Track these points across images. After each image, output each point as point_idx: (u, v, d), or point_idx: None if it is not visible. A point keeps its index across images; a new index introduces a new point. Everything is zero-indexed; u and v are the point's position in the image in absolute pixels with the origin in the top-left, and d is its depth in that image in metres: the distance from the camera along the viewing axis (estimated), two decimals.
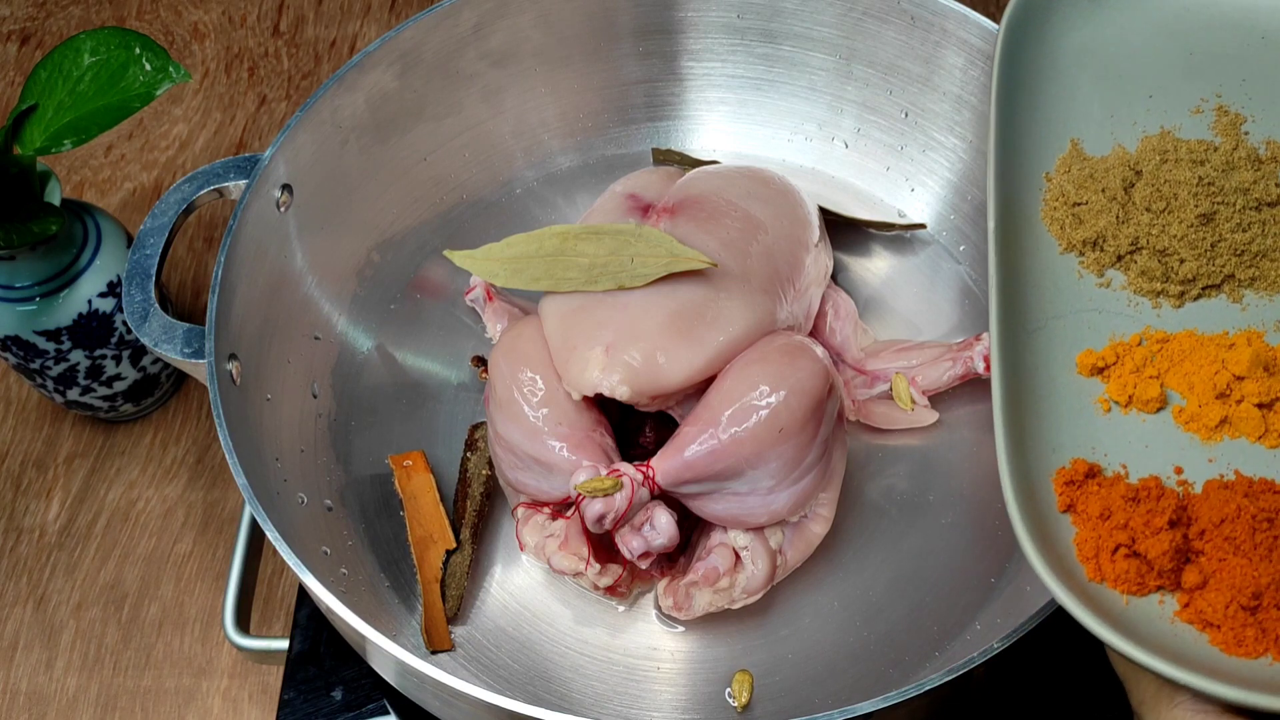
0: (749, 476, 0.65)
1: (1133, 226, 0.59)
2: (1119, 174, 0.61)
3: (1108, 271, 0.60)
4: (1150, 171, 0.61)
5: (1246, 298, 0.58)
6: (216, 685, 0.81)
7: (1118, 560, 0.49)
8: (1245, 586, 0.47)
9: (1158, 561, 0.48)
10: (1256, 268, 0.58)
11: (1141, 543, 0.49)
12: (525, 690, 0.69)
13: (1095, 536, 0.50)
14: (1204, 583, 0.48)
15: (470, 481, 0.75)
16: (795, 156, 0.89)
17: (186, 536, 0.87)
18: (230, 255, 0.71)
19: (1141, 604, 0.49)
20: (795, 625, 0.71)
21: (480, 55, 0.84)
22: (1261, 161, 0.61)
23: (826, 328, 0.79)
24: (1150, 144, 0.62)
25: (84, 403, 0.87)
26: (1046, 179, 0.63)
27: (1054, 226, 0.61)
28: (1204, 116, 0.63)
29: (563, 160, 0.90)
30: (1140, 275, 0.59)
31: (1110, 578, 0.49)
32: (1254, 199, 0.59)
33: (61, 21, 1.16)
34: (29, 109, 0.76)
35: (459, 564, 0.72)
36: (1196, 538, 0.50)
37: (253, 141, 1.07)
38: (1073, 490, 0.52)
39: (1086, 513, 0.51)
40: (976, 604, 0.70)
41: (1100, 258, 0.60)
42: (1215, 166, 0.61)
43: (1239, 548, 0.49)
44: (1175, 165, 0.61)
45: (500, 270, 0.71)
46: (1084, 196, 0.61)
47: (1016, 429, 0.52)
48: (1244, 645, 0.47)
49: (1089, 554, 0.50)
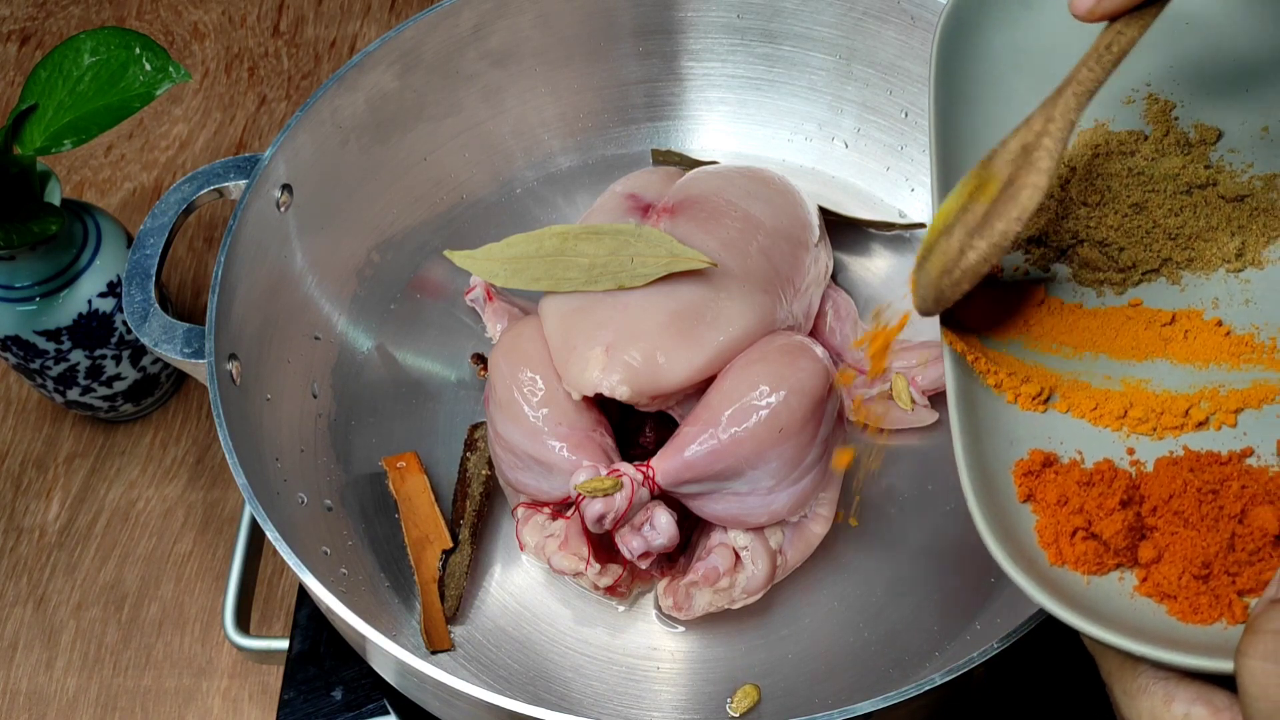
0: (749, 476, 0.65)
1: (1072, 221, 0.61)
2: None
3: (1053, 265, 0.61)
4: (1083, 167, 0.62)
5: (1184, 278, 0.60)
6: (216, 685, 0.81)
7: (1076, 543, 0.51)
8: (1195, 557, 0.49)
9: (1113, 540, 0.50)
10: (1192, 249, 0.60)
11: (1097, 524, 0.51)
12: (525, 690, 0.69)
13: (1054, 522, 0.51)
14: (1159, 557, 0.50)
15: (470, 481, 0.75)
16: (795, 156, 0.89)
17: (186, 536, 0.87)
18: (230, 255, 0.71)
19: (1102, 583, 0.50)
20: (795, 625, 0.71)
21: (480, 55, 0.84)
22: (1191, 145, 0.62)
23: (826, 328, 0.79)
24: (1084, 138, 0.64)
25: (84, 403, 0.87)
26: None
27: None
28: (1136, 106, 0.64)
29: (563, 160, 0.90)
30: (1083, 267, 0.61)
31: (1071, 560, 0.51)
32: (1184, 183, 0.61)
33: (61, 21, 1.16)
34: (29, 109, 0.76)
35: (458, 564, 0.72)
36: (1149, 514, 0.52)
37: (253, 141, 1.08)
38: (1031, 480, 0.53)
39: (1045, 500, 0.52)
40: (976, 604, 0.70)
41: (1045, 253, 0.61)
42: (1145, 156, 0.62)
43: (1188, 520, 0.50)
44: (1106, 159, 0.62)
45: (500, 270, 0.71)
46: None
47: (973, 424, 0.54)
48: (1199, 613, 0.48)
49: (1049, 539, 0.51)
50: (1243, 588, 0.48)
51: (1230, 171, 0.61)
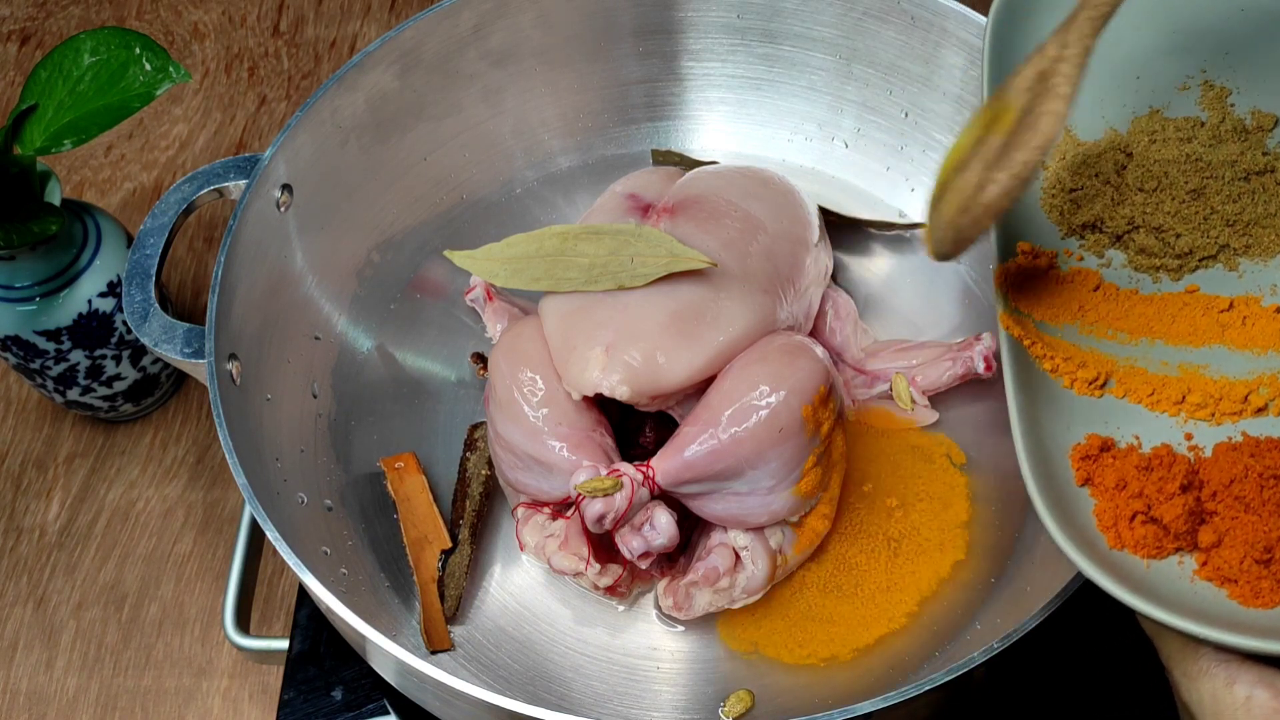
0: (749, 476, 0.65)
1: (1128, 207, 0.61)
2: (1111, 158, 0.62)
3: (1108, 251, 0.61)
4: (1140, 153, 0.62)
5: (1242, 265, 0.60)
6: (216, 685, 0.81)
7: (1136, 527, 0.51)
8: (1257, 541, 0.49)
9: (1173, 525, 0.50)
10: (1250, 235, 0.60)
11: (1157, 508, 0.51)
12: (525, 690, 0.69)
13: (1113, 506, 0.52)
14: (1219, 541, 0.50)
15: (469, 481, 0.75)
16: (795, 156, 0.89)
17: (186, 536, 0.87)
18: (230, 255, 0.71)
19: (1162, 566, 0.51)
20: None
21: (480, 55, 0.84)
22: (1248, 131, 0.62)
23: (826, 328, 0.79)
24: (1140, 125, 0.64)
25: (84, 403, 0.87)
26: (1043, 167, 0.64)
27: (1053, 213, 0.63)
28: (1191, 92, 0.64)
29: (563, 160, 0.90)
30: (1139, 253, 0.61)
31: (1130, 544, 0.51)
32: (1242, 170, 0.61)
33: (61, 21, 1.16)
34: (29, 109, 0.76)
35: (457, 564, 0.72)
36: (1209, 499, 0.52)
37: (253, 141, 1.08)
38: (1089, 464, 0.54)
39: (1103, 484, 0.53)
40: (976, 604, 0.70)
41: (1100, 239, 0.61)
42: (1202, 142, 0.62)
43: (1249, 505, 0.51)
44: (1163, 144, 0.62)
45: (500, 270, 0.71)
46: (1079, 182, 0.62)
47: (1031, 410, 0.54)
48: (1261, 597, 0.49)
49: (1108, 523, 0.52)
50: None
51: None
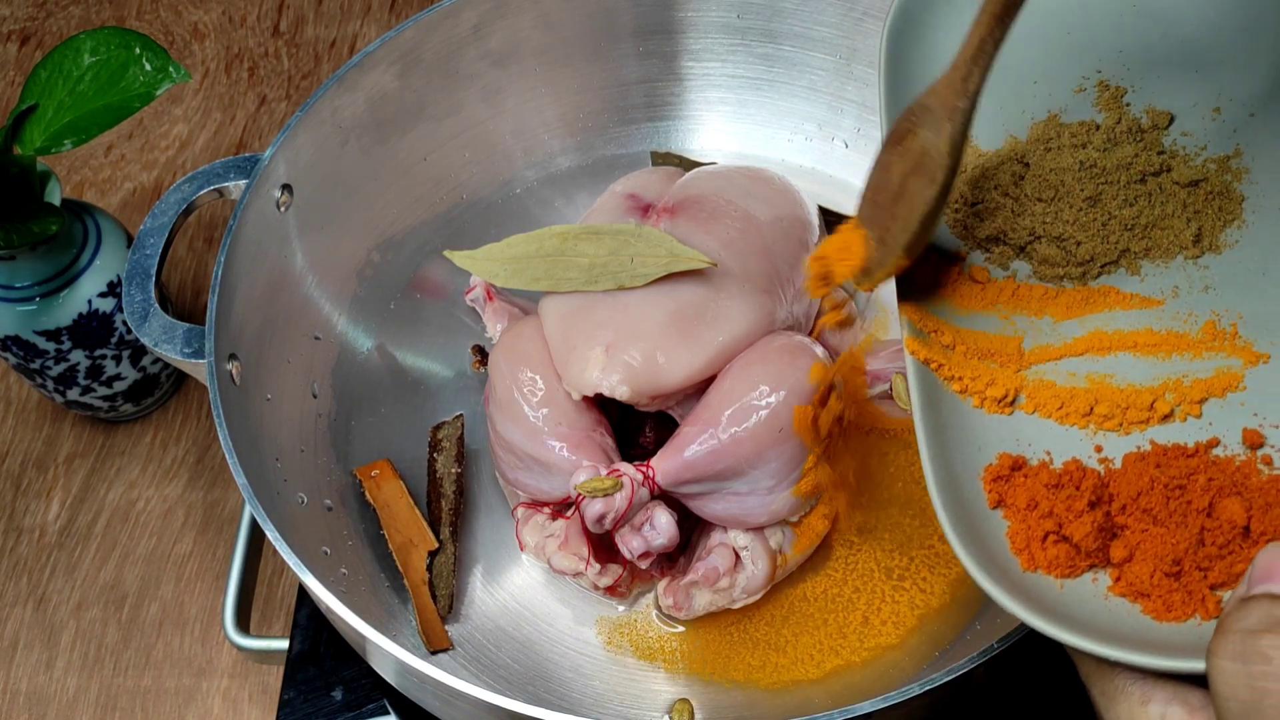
0: (749, 476, 0.65)
1: (1028, 218, 0.61)
2: (1009, 169, 0.62)
3: (1013, 263, 0.61)
4: (1036, 162, 0.62)
5: (1144, 268, 0.60)
6: (216, 685, 0.81)
7: (1048, 547, 0.50)
8: (1166, 554, 0.49)
9: (1083, 543, 0.50)
10: (1149, 238, 0.60)
11: (1067, 527, 0.50)
12: (525, 690, 0.69)
13: (1025, 527, 0.51)
14: (1130, 555, 0.50)
15: (441, 481, 0.75)
16: (795, 156, 0.89)
17: (186, 536, 0.87)
18: (230, 255, 0.71)
19: (1075, 585, 0.50)
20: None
21: (480, 55, 0.84)
22: (1144, 131, 0.62)
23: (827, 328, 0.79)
24: (1037, 132, 0.64)
25: (84, 403, 0.87)
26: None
27: (957, 229, 0.62)
28: (1087, 94, 0.64)
29: (563, 160, 0.90)
30: (1042, 263, 0.60)
31: (1043, 565, 0.50)
32: (1137, 172, 0.61)
33: (61, 21, 1.16)
34: (29, 109, 0.76)
35: (444, 564, 0.72)
36: (1119, 513, 0.51)
37: (253, 141, 1.08)
38: (1001, 485, 0.53)
39: (1015, 505, 0.52)
40: (976, 604, 0.70)
41: (1005, 251, 0.61)
42: (1097, 147, 0.62)
43: (1156, 518, 0.50)
44: (1059, 152, 0.62)
45: (500, 270, 0.71)
46: (980, 195, 0.62)
47: (939, 434, 0.53)
48: (1173, 610, 0.48)
49: (1021, 545, 0.51)
50: (1215, 582, 0.48)
51: (1184, 156, 0.61)
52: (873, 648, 0.69)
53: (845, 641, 0.69)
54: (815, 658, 0.69)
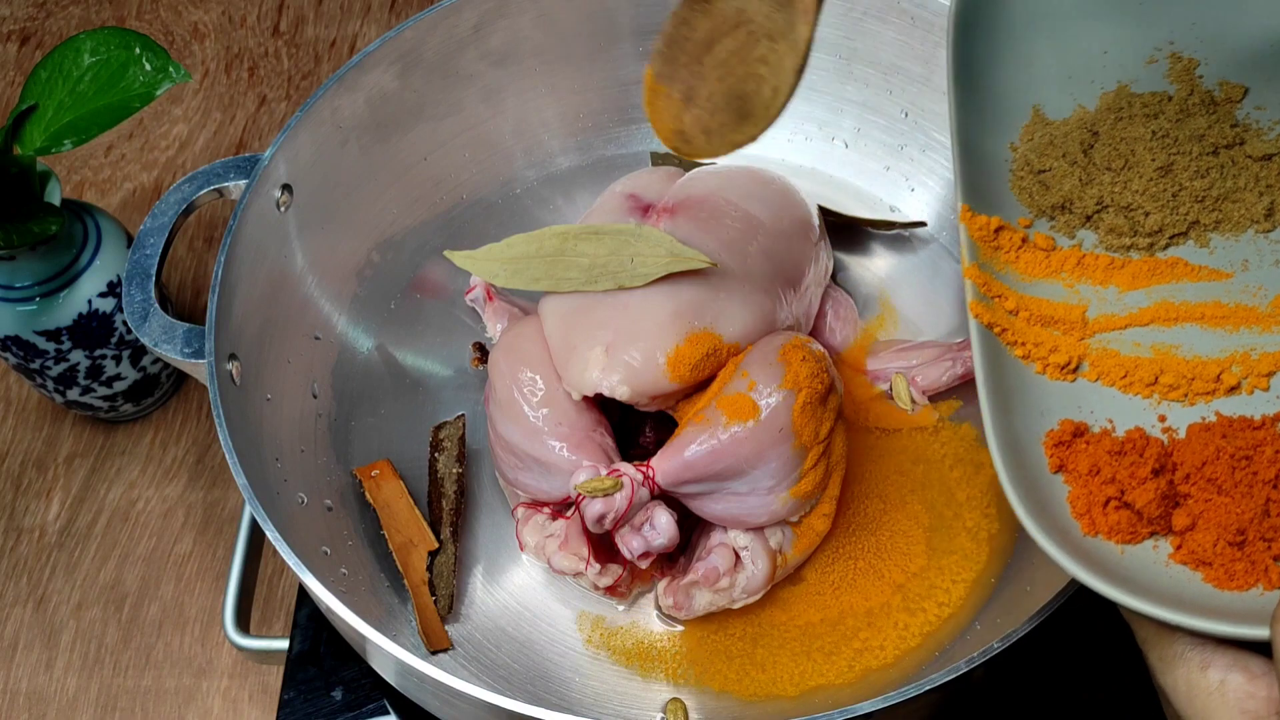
0: (749, 476, 0.65)
1: (1096, 187, 0.61)
2: (1078, 137, 0.62)
3: (1079, 232, 0.60)
4: (1107, 131, 0.62)
5: (1213, 241, 0.60)
6: (216, 685, 0.81)
7: (1109, 513, 0.51)
8: (1230, 524, 0.49)
9: (1146, 510, 0.50)
10: (1219, 211, 0.59)
11: (1129, 493, 0.51)
12: (525, 690, 0.69)
13: (1086, 493, 0.51)
14: (1193, 524, 0.50)
15: (442, 481, 0.75)
16: (795, 156, 0.89)
17: (186, 536, 0.87)
18: (230, 255, 0.71)
19: (1136, 552, 0.50)
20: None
21: (480, 55, 0.84)
22: (1217, 103, 0.62)
23: (826, 328, 0.79)
24: (1107, 101, 0.63)
25: (84, 403, 0.87)
26: (1012, 149, 0.64)
27: (1023, 195, 0.62)
28: (1158, 66, 0.64)
29: (563, 160, 0.90)
30: (1109, 233, 0.60)
31: (1104, 530, 0.51)
32: (1210, 144, 0.60)
33: (61, 21, 1.16)
34: (29, 109, 0.76)
35: (444, 564, 0.72)
36: (1183, 481, 0.52)
37: (253, 141, 1.08)
38: (1062, 451, 0.53)
39: (1077, 470, 0.52)
40: (976, 604, 0.70)
41: (1070, 220, 0.61)
42: (1169, 117, 0.62)
43: (1221, 487, 0.50)
44: (1130, 122, 0.62)
45: (500, 270, 0.71)
46: (1047, 163, 0.62)
47: (1001, 397, 0.54)
48: (1235, 579, 0.48)
49: (1082, 510, 0.51)
50: (1278, 553, 0.48)
51: (1257, 130, 0.60)
52: (864, 667, 0.69)
53: (836, 658, 0.69)
54: (797, 675, 0.69)
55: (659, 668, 0.70)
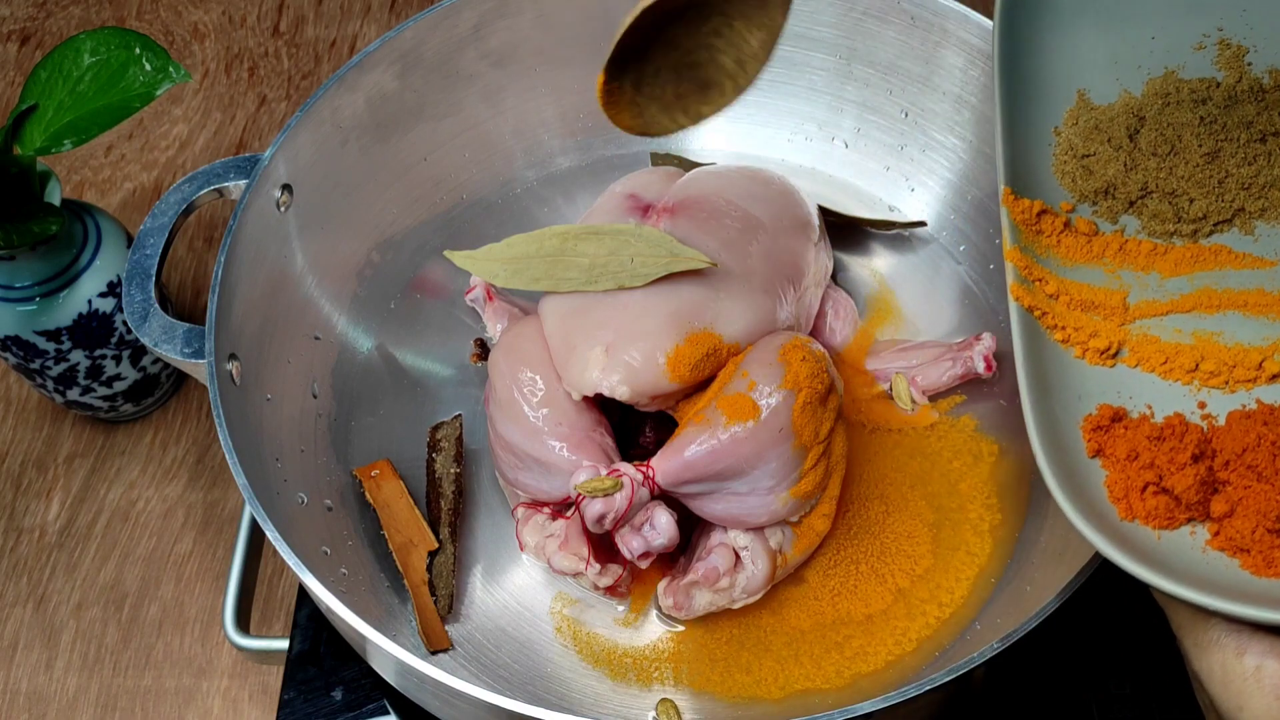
0: (749, 476, 0.65)
1: (1141, 173, 0.60)
2: (1123, 122, 0.62)
3: (1122, 217, 0.60)
4: (1153, 116, 0.62)
5: (1258, 229, 0.60)
6: (216, 685, 0.81)
7: (1147, 498, 0.51)
8: (1270, 511, 0.49)
9: (1184, 495, 0.50)
10: (1265, 198, 0.59)
11: (1168, 479, 0.51)
12: (525, 690, 0.69)
13: (1124, 477, 0.52)
14: (1231, 511, 0.50)
15: (440, 481, 0.75)
16: (795, 156, 0.89)
17: (186, 536, 0.87)
18: (230, 255, 0.71)
19: (1173, 537, 0.50)
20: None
21: (480, 55, 0.84)
22: (1265, 91, 0.61)
23: (826, 328, 0.79)
24: (1154, 87, 0.63)
25: (84, 403, 0.87)
26: (1055, 134, 0.63)
27: (1065, 180, 0.62)
28: (1207, 52, 0.63)
29: (563, 160, 0.90)
30: (1153, 219, 0.60)
31: (1141, 515, 0.51)
32: (1258, 131, 0.60)
33: (61, 21, 1.16)
34: (29, 109, 0.76)
35: (443, 564, 0.72)
36: (1222, 468, 0.52)
37: (253, 141, 1.08)
38: (1100, 435, 0.53)
39: (1114, 455, 0.52)
40: (976, 604, 0.70)
41: (1113, 205, 0.61)
42: (1217, 104, 0.61)
43: (1262, 474, 0.50)
44: (1177, 107, 0.61)
45: (500, 270, 0.71)
46: (1091, 148, 0.62)
47: (1040, 380, 0.54)
48: (1273, 566, 0.48)
49: (1119, 494, 0.51)
50: None
51: None
52: (854, 673, 0.69)
53: (824, 663, 0.69)
54: (783, 678, 0.68)
55: (643, 670, 0.70)
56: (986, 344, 0.76)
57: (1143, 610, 0.73)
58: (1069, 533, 0.67)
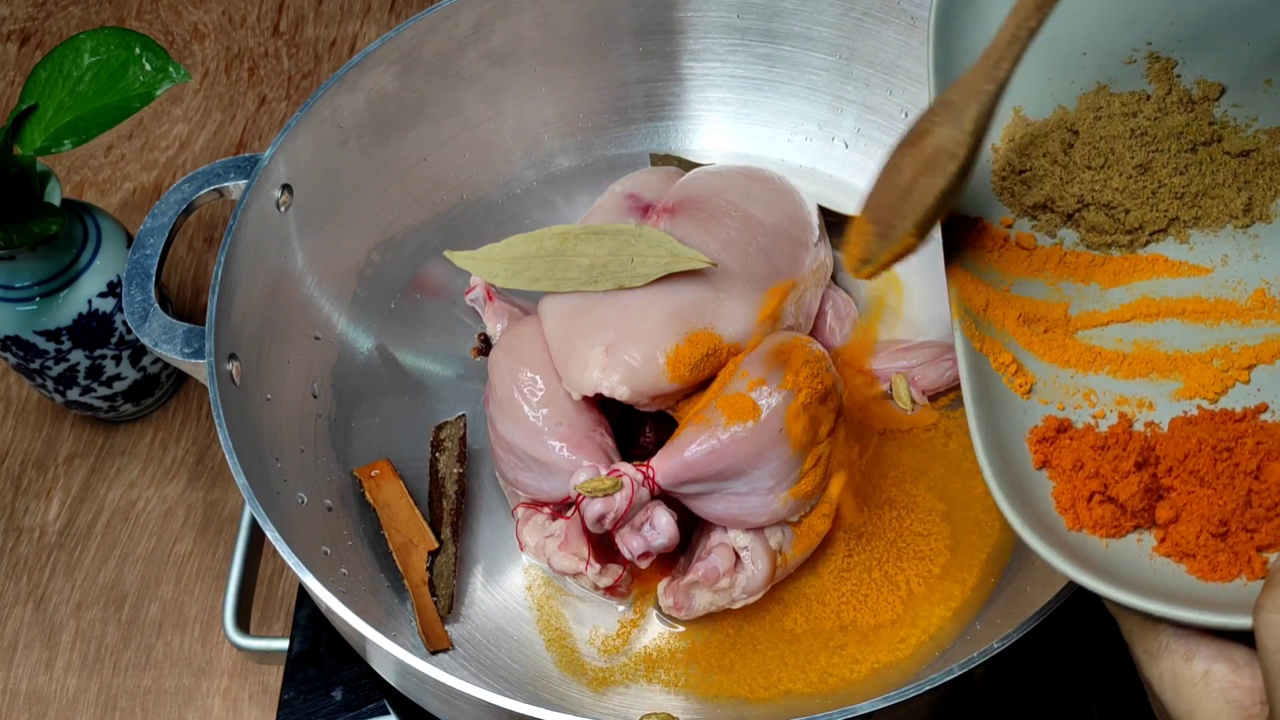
0: (749, 476, 0.65)
1: (1077, 185, 0.61)
2: (1058, 137, 0.62)
3: (1060, 231, 0.61)
4: (1086, 130, 0.62)
5: (1193, 236, 0.60)
6: (216, 685, 0.81)
7: (1093, 507, 0.51)
8: (1213, 515, 0.49)
9: (1129, 503, 0.50)
10: (1198, 207, 0.60)
11: (1113, 487, 0.51)
12: (525, 690, 0.69)
13: (1070, 487, 0.52)
14: (1176, 517, 0.50)
15: (443, 481, 0.75)
16: (795, 156, 0.89)
17: (186, 536, 0.87)
18: (230, 255, 0.71)
19: (1120, 545, 0.51)
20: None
21: (480, 55, 0.84)
22: (1195, 102, 0.62)
23: (826, 328, 0.79)
24: (1087, 101, 0.64)
25: (84, 403, 0.87)
26: (994, 150, 0.64)
27: (1004, 195, 0.63)
28: (1137, 66, 0.64)
29: (563, 160, 0.90)
30: (1090, 230, 0.61)
31: (1089, 524, 0.51)
32: (1188, 141, 0.61)
33: (61, 21, 1.16)
34: (29, 109, 0.76)
35: (444, 564, 0.72)
36: (1165, 475, 0.52)
37: (253, 141, 1.08)
38: (1046, 446, 0.53)
39: (1060, 466, 0.53)
40: (976, 604, 0.70)
41: (1052, 219, 0.61)
42: (1148, 116, 0.62)
43: (1204, 480, 0.51)
44: (1109, 120, 0.62)
45: (500, 270, 0.71)
46: (1028, 163, 0.62)
47: (985, 394, 0.54)
48: (1219, 570, 0.49)
49: (1066, 505, 0.52)
50: (1261, 543, 0.48)
51: (1234, 127, 0.61)
52: (876, 657, 0.69)
53: (809, 670, 0.69)
54: (777, 682, 0.69)
55: (642, 671, 0.70)
56: None
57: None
58: None
